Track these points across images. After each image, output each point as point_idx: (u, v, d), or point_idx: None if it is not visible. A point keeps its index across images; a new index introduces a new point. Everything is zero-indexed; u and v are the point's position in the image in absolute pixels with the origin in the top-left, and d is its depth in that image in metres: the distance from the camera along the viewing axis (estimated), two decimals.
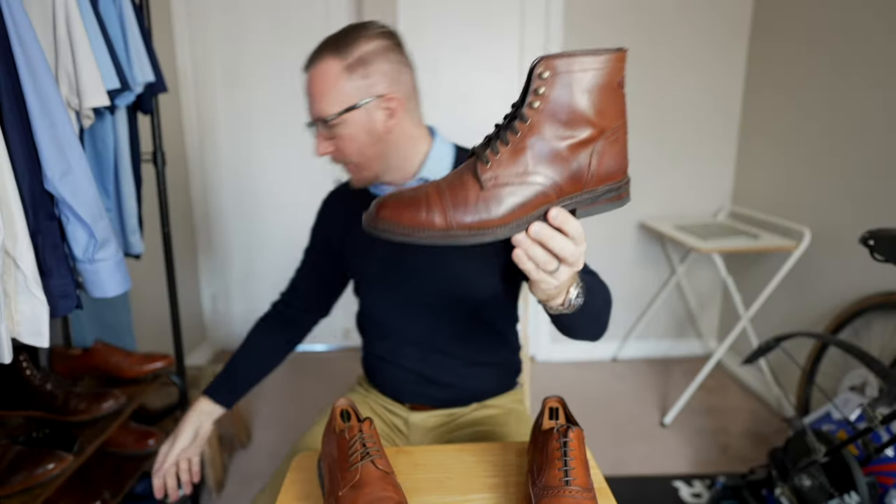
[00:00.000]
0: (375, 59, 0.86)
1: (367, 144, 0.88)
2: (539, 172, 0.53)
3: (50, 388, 1.20)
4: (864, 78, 1.79)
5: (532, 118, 0.52)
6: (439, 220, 0.53)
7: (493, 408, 1.08)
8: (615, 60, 0.52)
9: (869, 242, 1.14)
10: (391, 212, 0.53)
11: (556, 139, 0.53)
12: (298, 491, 0.76)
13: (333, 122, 0.86)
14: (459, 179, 0.55)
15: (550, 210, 0.54)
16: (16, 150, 0.94)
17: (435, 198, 0.53)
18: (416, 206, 0.53)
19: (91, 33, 1.10)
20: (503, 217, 0.53)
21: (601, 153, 0.54)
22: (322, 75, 0.85)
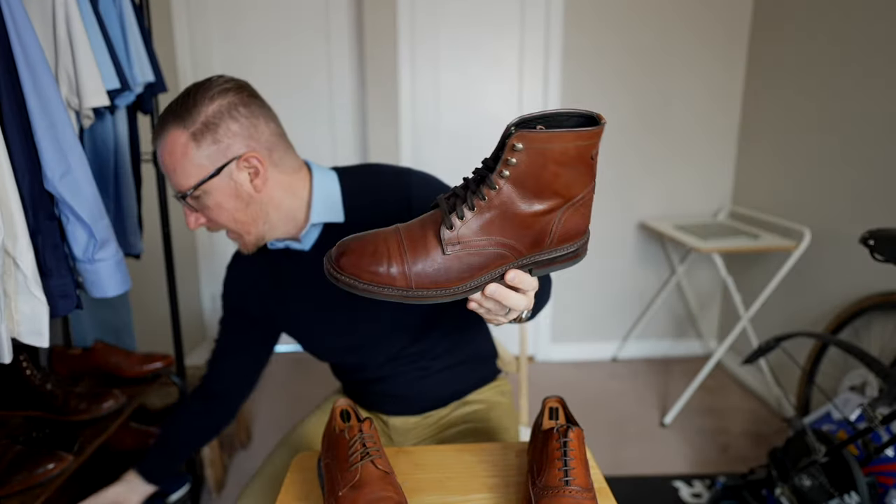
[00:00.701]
0: (222, 120, 0.78)
1: (238, 210, 0.83)
2: (500, 238, 0.54)
3: (50, 388, 1.20)
4: (864, 78, 1.79)
5: (501, 187, 0.52)
6: (399, 278, 0.53)
7: (475, 403, 1.07)
8: (592, 136, 0.51)
9: (869, 242, 1.14)
10: (352, 261, 0.54)
11: (522, 207, 0.53)
12: (298, 491, 0.76)
13: (196, 195, 0.80)
14: (422, 237, 0.55)
15: (508, 272, 0.55)
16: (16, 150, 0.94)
17: (396, 252, 0.54)
18: (377, 259, 0.53)
19: (91, 33, 1.10)
20: (462, 278, 0.55)
21: (565, 219, 0.55)
22: (171, 149, 0.79)
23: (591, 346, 2.74)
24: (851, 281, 1.84)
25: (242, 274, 1.00)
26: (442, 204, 0.55)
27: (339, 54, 2.50)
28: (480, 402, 1.07)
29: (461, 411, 1.06)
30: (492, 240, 0.54)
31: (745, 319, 2.16)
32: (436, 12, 2.38)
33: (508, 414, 1.06)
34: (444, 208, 0.55)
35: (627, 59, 2.41)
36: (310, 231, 0.89)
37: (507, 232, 0.54)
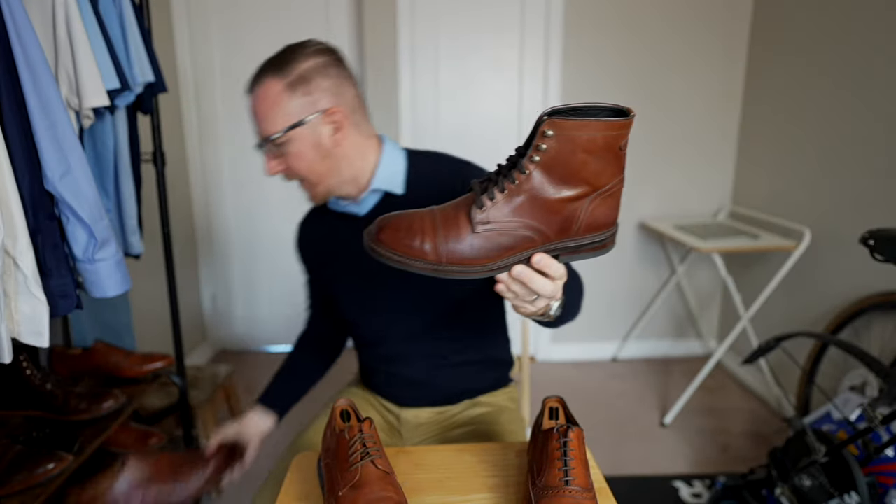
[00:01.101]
0: (315, 76, 0.87)
1: (315, 160, 0.89)
2: (529, 221, 0.56)
3: (50, 388, 1.20)
4: (864, 78, 1.79)
5: (531, 171, 0.54)
6: (431, 253, 0.56)
7: (485, 406, 1.09)
8: (621, 126, 0.53)
9: (869, 242, 1.14)
10: (389, 235, 0.57)
11: (551, 192, 0.55)
12: (298, 491, 0.76)
13: (280, 141, 0.87)
14: (454, 216, 0.57)
15: (534, 255, 0.57)
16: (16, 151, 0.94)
17: (430, 229, 0.56)
18: (411, 235, 0.56)
19: (91, 33, 1.10)
20: (490, 257, 0.57)
21: (593, 207, 0.56)
22: (265, 96, 0.86)
23: (592, 346, 2.74)
24: (851, 281, 1.84)
25: (308, 231, 1.09)
26: (475, 187, 0.58)
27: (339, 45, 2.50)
28: (490, 405, 1.09)
29: (471, 412, 1.07)
30: (520, 222, 0.56)
31: (745, 319, 2.16)
32: (436, 12, 2.38)
33: (516, 420, 1.07)
34: (476, 190, 0.58)
35: (627, 60, 2.41)
36: (369, 196, 0.96)
37: (535, 215, 0.56)
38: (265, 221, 2.69)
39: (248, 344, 2.84)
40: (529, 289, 0.59)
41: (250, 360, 2.72)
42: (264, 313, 2.79)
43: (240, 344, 2.84)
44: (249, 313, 2.79)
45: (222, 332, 2.83)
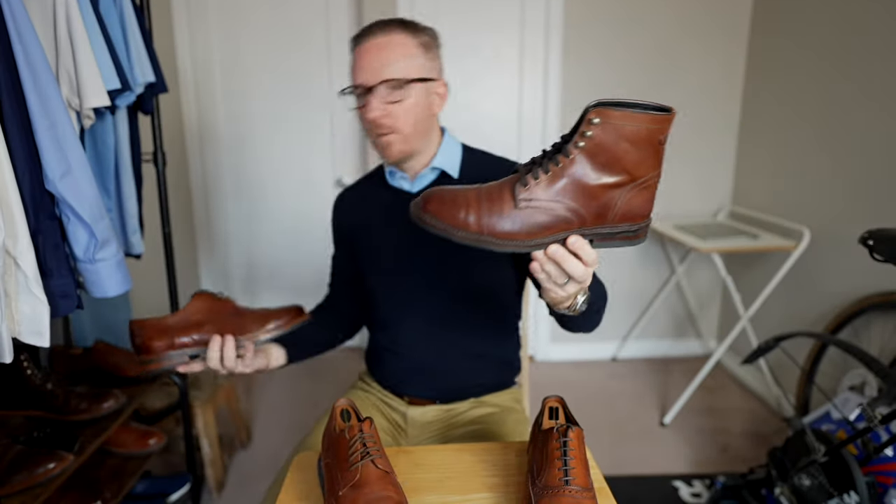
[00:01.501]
0: (436, 48, 0.96)
1: (419, 118, 0.95)
2: (568, 203, 0.59)
3: (50, 388, 1.21)
4: (863, 78, 1.80)
5: (574, 156, 0.58)
6: (474, 224, 0.59)
7: (491, 406, 1.09)
8: (664, 121, 0.57)
9: (868, 242, 1.15)
10: (436, 206, 0.60)
11: (592, 178, 0.58)
12: (298, 491, 0.76)
13: (404, 87, 0.90)
14: (498, 192, 0.61)
15: (570, 236, 0.60)
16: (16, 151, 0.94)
17: (474, 203, 0.60)
18: (456, 207, 0.59)
19: (91, 33, 1.10)
20: (529, 234, 0.60)
21: (629, 197, 0.60)
22: (396, 44, 0.90)
23: (591, 346, 2.74)
24: (851, 281, 1.84)
25: (351, 199, 1.12)
26: (520, 167, 0.62)
27: (339, 52, 2.50)
28: (496, 405, 1.10)
29: (477, 412, 1.08)
30: (560, 203, 0.59)
31: (744, 319, 2.17)
32: (436, 11, 2.38)
33: (522, 420, 1.08)
34: (521, 170, 0.61)
35: (627, 59, 2.41)
36: (426, 174, 1.01)
37: (575, 198, 0.59)
38: (265, 221, 2.69)
39: None
40: (562, 269, 0.61)
41: None
42: None
43: None
44: None
45: None
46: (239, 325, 0.91)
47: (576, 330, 0.83)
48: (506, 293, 1.06)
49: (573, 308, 0.70)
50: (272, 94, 2.54)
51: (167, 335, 0.89)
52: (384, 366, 1.11)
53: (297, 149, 2.60)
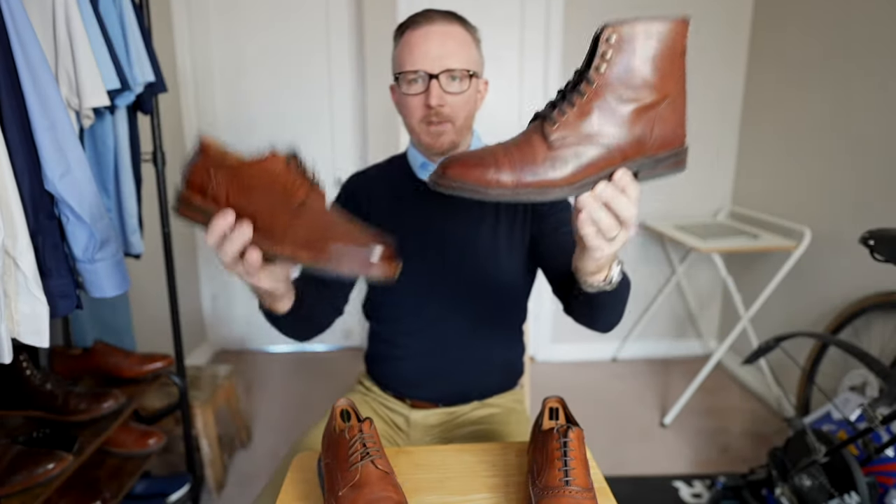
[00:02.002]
0: (480, 46, 0.97)
1: (470, 113, 0.95)
2: (604, 134, 0.54)
3: (50, 388, 1.20)
4: (864, 77, 1.79)
5: (598, 81, 0.53)
6: (507, 178, 0.53)
7: (494, 406, 1.09)
8: (678, 27, 0.54)
9: (869, 242, 1.14)
10: (459, 170, 0.54)
11: (621, 103, 0.54)
12: (298, 491, 0.76)
13: (464, 79, 0.91)
14: (526, 140, 0.55)
15: (617, 171, 0.55)
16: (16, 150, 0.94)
17: (502, 157, 0.54)
18: (483, 166, 0.54)
19: (91, 33, 1.10)
20: (569, 177, 0.54)
21: (662, 119, 0.55)
22: (457, 34, 0.91)
23: (591, 347, 2.74)
24: (851, 281, 1.84)
25: (371, 180, 1.08)
26: (540, 112, 0.57)
27: (339, 52, 2.50)
28: (499, 406, 1.09)
29: (479, 412, 1.07)
30: (594, 137, 0.54)
31: (745, 319, 2.16)
32: None
33: (524, 421, 1.08)
34: (544, 112, 0.57)
35: None
36: None
37: (608, 129, 0.54)
38: None
39: (247, 344, 2.84)
40: (613, 212, 0.56)
41: (250, 360, 2.72)
42: None
43: (240, 344, 2.84)
44: (249, 313, 2.79)
45: (222, 333, 2.82)
46: (287, 223, 0.61)
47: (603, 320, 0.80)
48: (515, 296, 1.05)
49: (609, 279, 0.67)
50: (272, 93, 2.54)
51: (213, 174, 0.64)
52: (387, 368, 1.09)
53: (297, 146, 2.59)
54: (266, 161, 0.64)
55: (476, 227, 1.00)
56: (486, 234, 0.99)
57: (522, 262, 1.01)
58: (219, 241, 0.62)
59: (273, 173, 0.64)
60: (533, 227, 1.00)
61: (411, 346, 1.04)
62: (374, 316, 1.11)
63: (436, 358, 1.04)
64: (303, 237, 0.61)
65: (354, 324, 2.80)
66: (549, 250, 0.95)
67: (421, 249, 1.00)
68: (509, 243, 1.00)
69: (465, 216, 1.00)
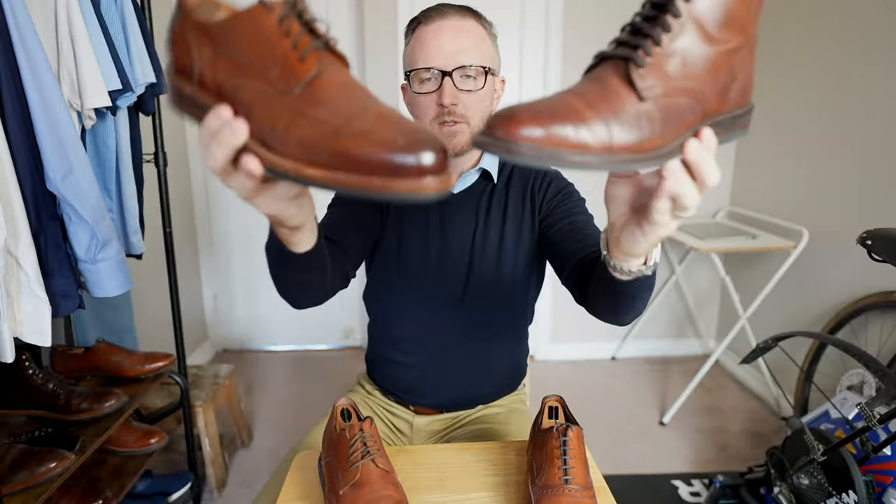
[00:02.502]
0: (496, 41, 0.93)
1: (486, 112, 0.90)
2: (694, 82, 0.44)
3: (52, 388, 1.21)
4: (863, 78, 1.80)
5: (686, 13, 0.42)
6: (595, 141, 0.39)
7: (496, 406, 1.08)
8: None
9: (867, 242, 1.15)
10: (531, 127, 0.38)
11: (710, 44, 0.43)
12: (299, 490, 0.77)
13: (479, 76, 0.87)
14: (607, 88, 0.42)
15: (703, 129, 0.45)
16: (18, 151, 0.94)
17: (585, 109, 0.40)
18: (561, 120, 0.39)
19: (93, 34, 1.11)
20: (664, 135, 0.43)
21: (743, 67, 0.46)
22: (471, 29, 0.87)
23: (591, 346, 2.74)
24: (849, 281, 1.84)
25: None
26: (610, 52, 0.44)
27: None
28: (501, 406, 1.08)
29: (482, 412, 1.06)
30: (684, 85, 0.43)
31: (743, 319, 2.17)
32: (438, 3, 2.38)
33: (526, 420, 1.06)
34: (622, 52, 0.43)
35: None
36: (472, 174, 0.97)
37: (697, 75, 0.44)
38: (266, 221, 2.69)
39: (249, 344, 2.85)
40: (699, 179, 0.45)
41: (251, 360, 2.73)
42: (265, 313, 2.79)
43: (241, 343, 2.85)
44: (251, 313, 2.80)
45: (223, 332, 2.83)
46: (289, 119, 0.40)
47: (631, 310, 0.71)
48: (523, 299, 1.03)
49: (650, 264, 0.59)
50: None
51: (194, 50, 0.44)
52: (389, 374, 1.06)
53: None
54: (249, 15, 0.42)
55: (483, 228, 0.97)
56: (493, 236, 0.97)
57: (530, 263, 0.99)
58: (207, 141, 0.44)
59: (263, 34, 0.42)
60: (542, 221, 0.97)
61: (414, 352, 1.02)
62: (376, 323, 1.08)
63: (440, 364, 1.01)
64: (310, 139, 0.39)
65: (354, 324, 2.80)
66: (560, 238, 0.91)
67: (434, 259, 0.98)
68: (516, 244, 0.97)
69: (470, 216, 0.98)
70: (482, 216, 0.98)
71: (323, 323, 2.79)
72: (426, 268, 0.99)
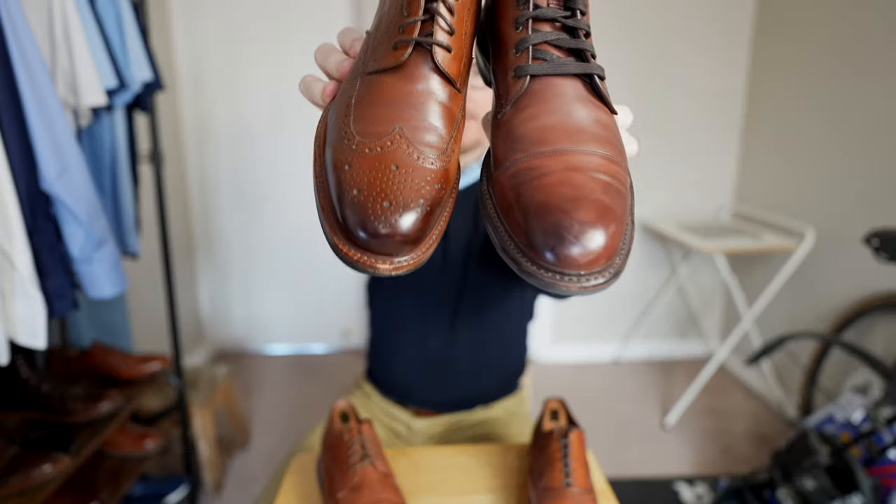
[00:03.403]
0: None
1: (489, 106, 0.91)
2: None
3: (47, 390, 1.20)
4: (868, 76, 1.79)
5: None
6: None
7: (497, 409, 1.08)
8: None
9: (873, 242, 1.14)
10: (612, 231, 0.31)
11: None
12: (297, 493, 0.75)
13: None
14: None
15: None
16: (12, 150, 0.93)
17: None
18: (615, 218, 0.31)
19: (88, 32, 1.10)
20: None
21: None
22: None
23: (593, 348, 2.73)
24: (855, 281, 1.83)
25: None
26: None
27: None
28: (501, 408, 1.08)
29: (482, 415, 1.06)
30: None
31: (747, 320, 2.16)
32: None
33: (527, 423, 1.06)
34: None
35: (628, 57, 2.40)
36: (475, 167, 0.97)
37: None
38: (263, 221, 2.68)
39: (246, 345, 2.84)
40: None
41: (248, 361, 2.72)
42: (263, 314, 2.78)
43: (238, 345, 2.84)
44: (248, 314, 2.79)
45: (220, 333, 2.82)
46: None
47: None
48: (522, 297, 1.03)
49: None
50: (271, 92, 2.53)
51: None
52: (389, 374, 1.07)
53: (296, 147, 2.59)
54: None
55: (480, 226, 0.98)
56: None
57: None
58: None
59: None
60: None
61: (414, 351, 1.02)
62: (376, 324, 1.09)
63: (439, 364, 1.02)
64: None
65: (353, 325, 2.79)
66: None
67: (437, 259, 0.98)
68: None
69: (469, 214, 0.98)
70: (477, 210, 0.98)
71: (321, 324, 2.78)
72: (426, 266, 0.99)
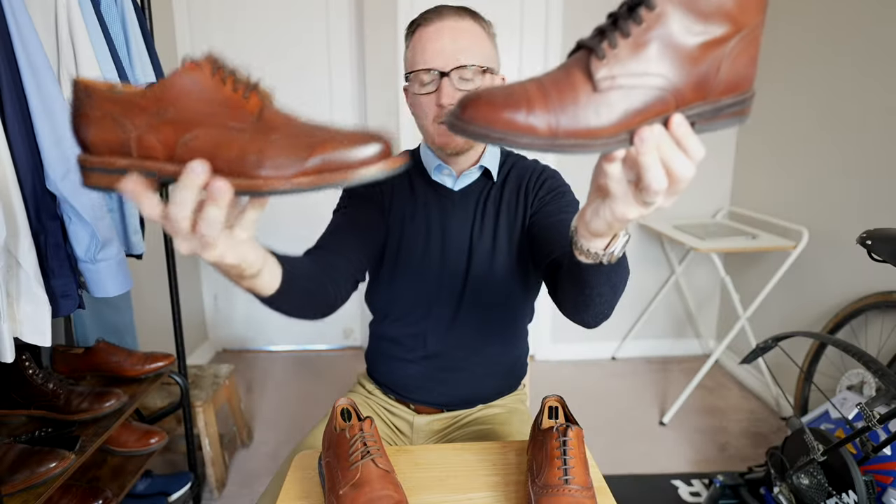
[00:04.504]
0: (495, 40, 0.94)
1: None
2: (662, 74, 0.44)
3: (52, 387, 1.21)
4: (862, 78, 1.80)
5: (660, 6, 0.43)
6: (542, 125, 0.42)
7: (497, 407, 1.08)
8: None
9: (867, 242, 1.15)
10: (484, 112, 0.42)
11: (687, 34, 0.43)
12: (299, 490, 0.77)
13: (478, 75, 0.88)
14: (566, 77, 0.44)
15: (673, 116, 0.45)
16: (18, 151, 0.94)
17: (537, 97, 0.43)
18: (513, 107, 0.43)
19: (93, 35, 1.11)
20: (618, 124, 0.44)
21: (734, 56, 0.45)
22: (469, 30, 0.89)
23: (591, 346, 2.74)
24: (849, 281, 1.84)
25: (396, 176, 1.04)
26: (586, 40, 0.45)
27: (339, 52, 2.50)
28: (502, 406, 1.08)
29: (483, 412, 1.07)
30: (651, 76, 0.44)
31: (743, 319, 2.17)
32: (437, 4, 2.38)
33: (527, 420, 1.07)
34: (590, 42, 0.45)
35: None
36: (472, 172, 0.99)
37: (669, 66, 0.44)
38: (266, 220, 2.69)
39: (249, 343, 2.85)
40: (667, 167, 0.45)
41: (251, 360, 2.73)
42: (265, 313, 2.79)
43: (241, 343, 2.85)
44: (251, 313, 2.80)
45: (223, 332, 2.83)
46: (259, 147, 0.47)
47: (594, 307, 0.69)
48: (522, 296, 1.03)
49: (611, 251, 0.56)
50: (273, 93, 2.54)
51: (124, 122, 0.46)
52: (390, 372, 1.07)
53: None
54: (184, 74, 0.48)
55: (480, 226, 0.98)
56: (488, 233, 0.98)
57: (525, 260, 0.99)
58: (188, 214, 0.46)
59: (202, 86, 0.49)
60: (531, 217, 0.97)
61: (415, 349, 1.02)
62: (377, 321, 1.09)
63: (440, 362, 1.02)
64: (284, 159, 0.46)
65: (354, 323, 2.80)
66: (543, 234, 0.91)
67: (435, 258, 0.99)
68: (510, 241, 0.98)
69: (469, 214, 0.99)
70: (479, 214, 0.99)
71: (323, 323, 2.79)
72: (427, 266, 0.99)
